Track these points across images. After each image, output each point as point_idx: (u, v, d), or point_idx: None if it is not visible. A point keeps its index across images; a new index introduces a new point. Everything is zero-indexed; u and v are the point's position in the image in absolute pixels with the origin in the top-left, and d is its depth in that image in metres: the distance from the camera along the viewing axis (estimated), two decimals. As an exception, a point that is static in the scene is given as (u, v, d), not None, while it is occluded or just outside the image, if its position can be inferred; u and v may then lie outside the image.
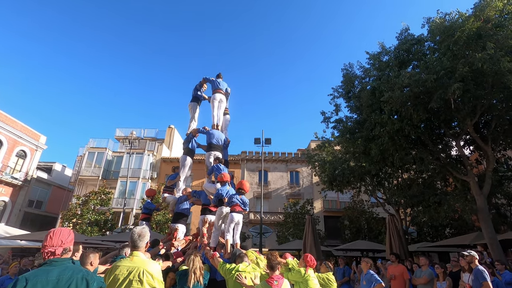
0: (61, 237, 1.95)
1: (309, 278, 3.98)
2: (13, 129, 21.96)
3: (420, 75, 8.38)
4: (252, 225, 22.80)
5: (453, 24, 8.63)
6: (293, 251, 14.65)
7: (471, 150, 12.10)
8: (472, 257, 5.17)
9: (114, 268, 2.47)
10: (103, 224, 18.31)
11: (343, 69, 11.69)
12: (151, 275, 2.47)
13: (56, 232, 1.98)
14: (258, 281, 3.88)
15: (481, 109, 8.98)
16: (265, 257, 3.97)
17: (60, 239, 1.94)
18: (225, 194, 5.85)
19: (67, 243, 1.97)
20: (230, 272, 3.76)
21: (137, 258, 2.54)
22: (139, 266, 2.46)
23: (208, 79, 8.14)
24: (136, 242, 2.62)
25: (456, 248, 12.90)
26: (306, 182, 27.34)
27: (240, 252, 4.26)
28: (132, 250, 2.65)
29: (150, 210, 7.52)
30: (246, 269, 3.86)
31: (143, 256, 2.64)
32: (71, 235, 2.02)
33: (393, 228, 10.65)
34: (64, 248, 1.93)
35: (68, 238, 1.99)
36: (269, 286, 3.32)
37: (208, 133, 7.42)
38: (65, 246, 1.94)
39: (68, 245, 1.97)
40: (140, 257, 2.57)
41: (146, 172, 25.90)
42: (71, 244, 2.02)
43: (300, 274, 4.03)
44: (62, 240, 1.94)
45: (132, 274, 2.41)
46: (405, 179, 14.80)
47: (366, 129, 10.41)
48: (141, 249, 2.64)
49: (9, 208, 21.97)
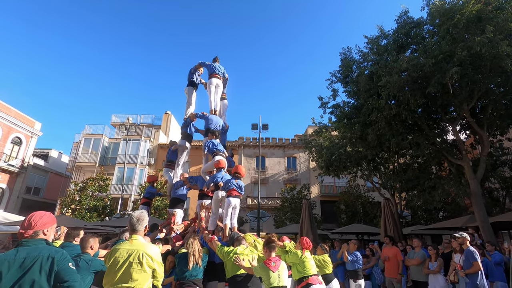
0: (32, 220, 1.98)
1: (305, 260, 4.08)
2: (7, 115, 21.67)
3: (418, 59, 8.31)
4: (249, 210, 23.14)
5: (453, 7, 8.48)
6: (290, 234, 14.95)
7: (467, 135, 12.20)
8: (463, 239, 5.32)
9: (114, 251, 2.52)
10: (102, 210, 18.47)
11: (341, 53, 11.54)
12: (151, 257, 2.52)
13: (29, 216, 2.02)
14: (255, 263, 3.97)
15: (478, 93, 8.98)
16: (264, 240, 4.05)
17: (30, 222, 1.97)
18: (221, 179, 5.95)
19: (40, 226, 1.98)
20: (228, 255, 3.84)
21: (136, 241, 2.58)
22: (139, 248, 2.51)
23: (204, 64, 8.01)
24: (135, 225, 2.66)
25: (448, 231, 13.24)
26: (303, 167, 27.57)
27: (238, 235, 4.35)
28: (131, 233, 2.69)
29: (151, 194, 7.58)
30: (244, 252, 3.95)
31: (142, 239, 2.69)
32: (44, 218, 2.03)
33: (388, 212, 10.88)
34: (35, 231, 1.96)
35: (40, 221, 2.00)
36: (266, 267, 3.41)
37: (206, 118, 7.39)
38: (36, 229, 1.96)
39: (40, 228, 1.99)
40: (139, 240, 2.62)
41: (143, 158, 25.91)
42: (45, 227, 2.02)
43: (297, 256, 4.13)
44: (33, 223, 1.97)
45: (132, 257, 2.47)
46: (401, 164, 14.97)
47: (363, 114, 10.41)
48: (140, 233, 2.69)
49: (7, 195, 22.02)
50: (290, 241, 5.55)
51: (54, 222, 2.11)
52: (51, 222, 2.06)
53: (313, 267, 4.15)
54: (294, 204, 20.19)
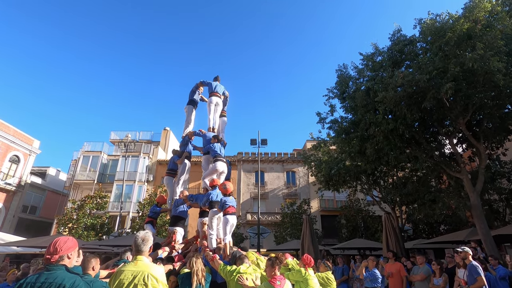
0: (57, 245, 2.06)
1: (309, 278, 4.05)
2: (5, 134, 21.69)
3: (413, 75, 8.54)
4: (249, 226, 22.86)
5: (443, 25, 8.82)
6: (292, 251, 14.74)
7: (464, 147, 12.34)
8: (466, 253, 5.30)
9: (119, 273, 2.51)
10: (99, 228, 18.19)
11: (338, 70, 11.83)
12: (156, 279, 2.52)
13: (54, 242, 2.10)
14: (259, 282, 3.94)
15: (473, 107, 9.18)
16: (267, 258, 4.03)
17: (56, 247, 2.05)
18: (216, 197, 6.01)
19: (64, 251, 2.06)
20: (231, 274, 3.81)
21: (141, 262, 2.58)
22: (144, 270, 2.51)
23: (205, 82, 8.19)
24: (140, 246, 2.67)
25: (451, 244, 13.13)
26: (302, 182, 27.49)
27: (240, 254, 4.32)
28: (135, 254, 2.69)
29: (155, 213, 7.49)
30: (247, 271, 3.91)
31: (147, 260, 2.69)
32: (67, 243, 2.11)
33: (389, 226, 10.81)
34: (60, 256, 2.04)
35: (64, 246, 2.08)
36: (271, 286, 3.38)
37: (204, 136, 7.48)
38: (62, 253, 2.05)
39: (65, 253, 2.07)
40: (144, 261, 2.62)
41: (142, 175, 25.78)
42: (69, 252, 2.11)
43: (300, 274, 4.10)
44: (58, 248, 2.05)
45: (137, 278, 2.46)
46: (400, 178, 15.01)
47: (361, 129, 10.56)
48: (144, 253, 2.69)
49: (3, 214, 21.69)
50: (292, 258, 5.50)
51: (76, 245, 2.20)
52: (74, 246, 2.15)
53: (317, 285, 4.11)
54: (295, 219, 20.02)
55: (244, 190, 26.84)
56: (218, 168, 6.96)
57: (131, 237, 12.59)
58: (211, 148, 7.08)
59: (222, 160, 7.02)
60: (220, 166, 6.99)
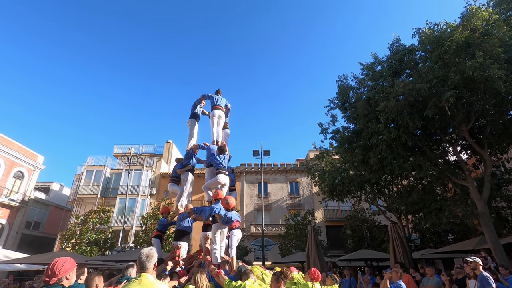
0: (55, 268, 2.11)
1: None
2: (10, 150, 21.89)
3: (413, 84, 8.59)
4: (253, 238, 22.58)
5: (442, 34, 8.91)
6: (297, 263, 14.48)
7: (468, 154, 12.24)
8: (476, 264, 5.18)
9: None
10: (102, 244, 18.05)
11: (338, 81, 11.93)
12: (160, 297, 2.47)
13: (52, 264, 2.15)
14: (265, 297, 3.86)
15: (475, 115, 9.16)
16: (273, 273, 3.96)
17: (54, 271, 2.10)
18: (219, 211, 5.99)
19: (63, 273, 2.12)
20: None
21: (145, 280, 2.54)
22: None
23: (207, 96, 8.30)
24: (145, 263, 2.63)
25: (460, 254, 12.83)
26: (306, 192, 27.27)
27: (246, 269, 4.26)
28: (140, 271, 2.66)
29: (163, 226, 7.44)
30: (253, 286, 3.85)
31: (151, 277, 2.65)
32: (65, 265, 2.16)
33: (396, 235, 10.63)
34: (59, 278, 2.10)
35: (62, 268, 2.13)
36: (277, 302, 3.32)
37: (208, 149, 7.52)
38: (60, 276, 2.11)
39: (63, 275, 2.13)
40: (148, 279, 2.57)
41: (145, 188, 25.75)
42: (67, 273, 2.16)
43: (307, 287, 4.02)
44: (56, 271, 2.10)
45: (141, 297, 2.42)
46: (405, 186, 14.85)
47: (364, 138, 10.54)
48: (149, 271, 2.65)
49: (6, 231, 21.63)
50: (298, 271, 5.40)
51: (74, 266, 2.25)
52: (71, 267, 2.21)
53: (324, 300, 4.02)
54: (299, 230, 19.75)
55: (248, 201, 26.65)
56: (220, 181, 6.97)
57: (134, 252, 12.47)
58: (215, 160, 7.10)
59: (224, 173, 7.02)
60: (222, 179, 6.99)
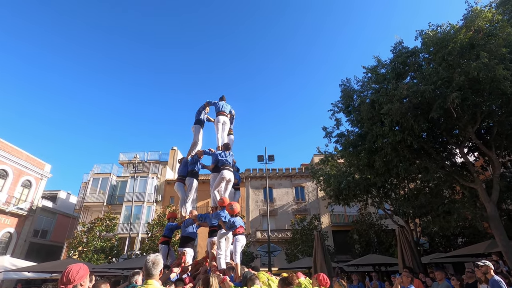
0: (70, 276, 2.14)
1: (323, 298, 3.91)
2: (18, 159, 22.20)
3: (417, 86, 8.53)
4: (259, 244, 22.42)
5: (445, 36, 8.87)
6: (304, 269, 14.31)
7: (476, 156, 12.06)
8: (487, 267, 5.06)
9: (130, 298, 2.48)
10: (109, 251, 18.07)
11: (341, 85, 11.89)
12: (167, 304, 2.47)
13: (67, 272, 2.18)
14: (271, 303, 3.82)
15: (481, 116, 9.05)
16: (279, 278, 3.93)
17: (69, 278, 2.13)
18: (225, 218, 6.05)
19: (77, 280, 2.14)
20: (243, 296, 3.71)
21: (152, 287, 2.55)
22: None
23: (211, 102, 8.35)
24: (151, 270, 2.64)
25: (470, 258, 12.56)
26: (311, 197, 27.08)
27: (252, 275, 4.22)
28: (146, 278, 2.66)
29: (170, 231, 7.43)
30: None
31: (158, 284, 2.65)
32: (80, 272, 2.19)
33: (404, 240, 10.45)
34: (74, 285, 2.12)
35: (77, 276, 2.15)
36: (284, 308, 3.28)
37: (213, 154, 7.55)
38: (75, 283, 2.13)
39: (78, 282, 2.15)
40: (154, 285, 2.58)
41: (150, 195, 25.83)
42: (82, 280, 2.18)
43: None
44: (71, 279, 2.13)
45: (148, 304, 2.42)
46: (412, 189, 14.66)
47: (369, 142, 10.46)
48: (155, 277, 2.66)
49: (14, 239, 21.83)
50: (305, 277, 5.33)
51: (88, 272, 2.27)
52: (85, 274, 2.23)
53: (332, 306, 3.96)
54: (305, 235, 19.56)
55: (253, 207, 26.53)
56: (225, 176, 7.06)
57: (140, 259, 12.47)
58: (219, 157, 7.22)
59: (228, 169, 7.10)
60: (227, 174, 7.08)
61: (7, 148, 21.54)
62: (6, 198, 21.02)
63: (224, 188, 7.25)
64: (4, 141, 21.48)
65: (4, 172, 21.34)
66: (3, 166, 21.16)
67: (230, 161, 7.27)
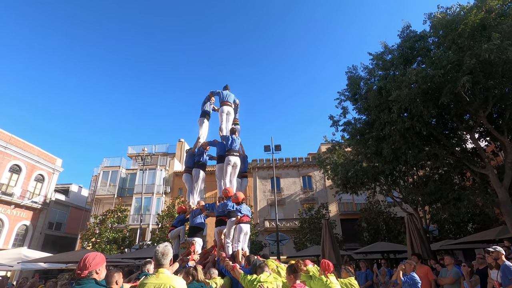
0: (87, 262, 2.23)
1: (331, 285, 3.93)
2: (30, 154, 22.72)
3: (426, 71, 8.32)
4: (268, 233, 22.66)
5: (455, 18, 8.57)
6: (312, 257, 14.46)
7: (487, 141, 11.80)
8: (498, 253, 5.01)
9: (142, 286, 2.55)
10: (121, 242, 18.56)
11: (347, 72, 11.68)
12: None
13: (84, 258, 2.28)
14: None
15: (493, 99, 8.80)
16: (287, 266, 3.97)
17: (85, 263, 2.22)
18: (233, 207, 6.16)
19: (93, 267, 2.23)
20: (252, 284, 3.76)
21: (163, 275, 2.62)
22: (165, 282, 2.54)
23: (215, 92, 8.30)
24: (160, 260, 2.71)
25: (481, 244, 12.46)
26: (319, 186, 27.10)
27: (260, 262, 4.27)
28: (157, 267, 2.73)
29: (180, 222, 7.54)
30: (268, 279, 3.86)
31: (168, 272, 2.72)
32: (96, 259, 2.27)
33: (413, 227, 10.40)
34: (90, 271, 2.20)
35: (93, 262, 2.24)
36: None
37: (218, 145, 7.61)
38: (91, 269, 2.21)
39: (94, 268, 2.23)
40: (165, 274, 2.65)
41: (159, 187, 26.23)
42: (97, 267, 2.26)
43: (322, 282, 3.99)
44: (87, 264, 2.21)
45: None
46: (421, 176, 14.49)
47: (376, 129, 10.32)
48: (165, 266, 2.73)
49: (31, 231, 22.56)
50: (313, 265, 5.38)
51: (104, 261, 2.35)
52: (101, 262, 2.31)
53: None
54: (313, 224, 19.67)
55: (261, 197, 26.72)
56: (231, 160, 7.13)
57: (151, 249, 12.75)
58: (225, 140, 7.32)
59: (233, 154, 7.16)
60: (233, 159, 7.16)
61: (19, 143, 22.02)
62: (20, 192, 21.64)
63: (232, 173, 7.32)
64: (16, 137, 21.95)
65: (18, 167, 21.90)
66: (16, 161, 21.70)
67: (236, 145, 7.30)
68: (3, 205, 20.54)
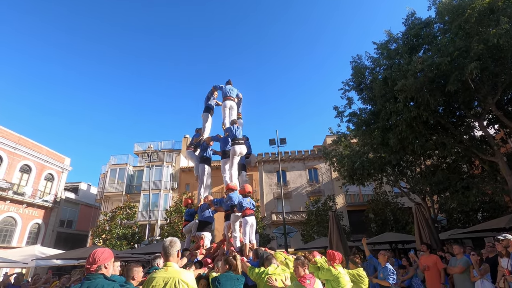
0: (96, 256, 2.25)
1: (340, 276, 3.94)
2: (40, 154, 23.07)
3: (432, 58, 8.15)
4: (275, 226, 22.77)
5: (461, 2, 8.34)
6: (320, 249, 14.50)
7: (496, 129, 11.59)
8: (508, 241, 4.95)
9: (151, 280, 2.58)
10: (131, 238, 18.86)
11: (352, 62, 11.52)
12: (186, 284, 2.56)
13: (92, 253, 2.30)
14: (288, 282, 3.90)
15: (502, 85, 8.61)
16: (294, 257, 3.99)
17: (94, 258, 2.24)
18: (236, 201, 6.20)
19: (102, 261, 2.24)
20: (260, 276, 3.80)
21: (171, 269, 2.64)
22: (174, 276, 2.56)
23: (218, 87, 8.28)
24: (168, 249, 2.74)
25: (491, 233, 12.32)
26: (325, 178, 27.03)
27: (268, 255, 4.30)
28: (165, 259, 2.76)
29: (191, 215, 7.68)
30: (276, 271, 3.89)
31: (177, 266, 2.75)
32: (104, 254, 2.29)
33: (421, 217, 10.32)
34: (98, 265, 2.22)
35: (101, 256, 2.26)
36: (302, 285, 3.33)
37: (221, 140, 7.65)
38: (100, 263, 2.23)
39: (102, 263, 2.25)
40: (174, 267, 2.67)
41: (166, 183, 26.46)
42: (106, 262, 2.28)
43: (330, 273, 4.01)
44: (96, 259, 2.23)
45: (168, 285, 2.51)
46: (429, 166, 14.32)
47: (382, 119, 10.20)
48: (173, 259, 2.75)
49: (43, 230, 23.06)
50: (321, 256, 5.40)
51: (112, 256, 2.36)
52: (110, 256, 2.33)
53: (349, 283, 4.00)
54: (320, 216, 19.69)
55: (267, 190, 26.78)
56: (236, 150, 7.17)
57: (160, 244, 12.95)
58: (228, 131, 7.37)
59: (238, 143, 7.20)
60: (238, 149, 7.19)
61: (28, 144, 22.37)
62: (31, 192, 22.06)
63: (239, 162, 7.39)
64: (25, 137, 22.28)
65: (28, 167, 22.28)
66: (26, 161, 22.08)
67: (239, 134, 7.32)
68: (16, 205, 20.98)
